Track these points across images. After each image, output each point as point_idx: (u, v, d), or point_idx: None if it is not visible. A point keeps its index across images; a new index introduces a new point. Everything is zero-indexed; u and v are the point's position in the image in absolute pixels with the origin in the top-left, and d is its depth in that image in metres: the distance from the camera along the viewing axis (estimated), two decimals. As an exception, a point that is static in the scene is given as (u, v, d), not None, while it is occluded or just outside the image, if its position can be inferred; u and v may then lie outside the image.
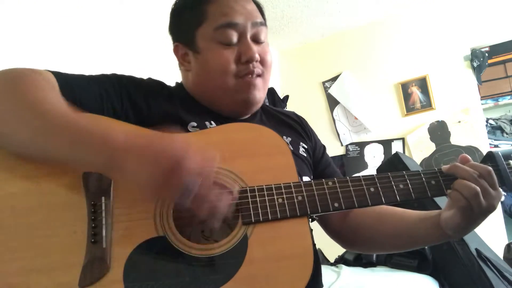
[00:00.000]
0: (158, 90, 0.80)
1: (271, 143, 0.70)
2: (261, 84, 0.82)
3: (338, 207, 0.66)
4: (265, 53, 0.82)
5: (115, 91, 0.72)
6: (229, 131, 0.71)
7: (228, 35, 0.77)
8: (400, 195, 0.69)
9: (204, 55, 0.80)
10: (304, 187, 0.66)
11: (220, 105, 0.83)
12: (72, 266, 0.54)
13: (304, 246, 0.62)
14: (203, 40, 0.79)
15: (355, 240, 0.88)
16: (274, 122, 0.92)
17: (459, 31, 2.88)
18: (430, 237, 0.76)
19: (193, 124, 0.75)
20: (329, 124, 3.31)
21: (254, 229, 0.61)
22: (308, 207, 0.65)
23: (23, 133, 0.56)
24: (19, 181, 0.58)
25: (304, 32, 3.34)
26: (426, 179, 0.70)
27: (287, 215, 0.63)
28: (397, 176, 0.70)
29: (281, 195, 0.64)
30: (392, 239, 0.82)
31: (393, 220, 0.81)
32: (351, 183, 0.68)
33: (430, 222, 0.74)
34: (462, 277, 1.35)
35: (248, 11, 0.80)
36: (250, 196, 0.63)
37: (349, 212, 0.88)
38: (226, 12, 0.78)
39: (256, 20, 0.80)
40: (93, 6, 1.85)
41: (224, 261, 0.58)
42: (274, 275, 0.58)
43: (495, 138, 3.04)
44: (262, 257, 0.59)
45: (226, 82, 0.78)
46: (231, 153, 0.67)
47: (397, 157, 1.70)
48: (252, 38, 0.80)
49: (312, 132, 0.98)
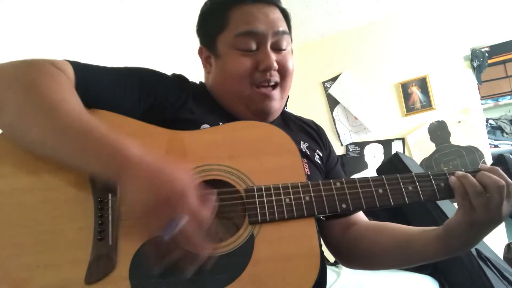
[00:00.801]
0: (178, 87, 0.79)
1: (279, 142, 0.70)
2: (278, 94, 0.82)
3: (345, 208, 0.65)
4: (286, 61, 0.81)
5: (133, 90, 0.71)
6: (237, 129, 0.71)
7: (248, 42, 0.78)
8: (409, 197, 0.67)
9: (223, 60, 0.81)
10: (311, 187, 0.65)
11: (237, 112, 0.83)
12: (78, 263, 0.54)
13: (311, 247, 0.61)
14: (224, 45, 0.80)
15: (355, 253, 0.85)
16: (293, 127, 0.92)
17: (459, 31, 2.88)
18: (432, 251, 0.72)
19: (205, 126, 0.75)
20: (329, 124, 3.31)
21: (260, 229, 0.61)
22: (315, 208, 0.64)
23: (36, 131, 0.56)
24: (26, 177, 0.58)
25: (304, 32, 3.34)
26: (436, 181, 0.69)
27: (294, 215, 0.62)
28: (406, 177, 0.69)
29: (288, 195, 0.64)
30: (392, 252, 0.78)
31: (394, 233, 0.79)
32: (359, 184, 0.67)
33: (434, 233, 0.72)
34: (462, 277, 1.35)
35: (270, 19, 0.79)
36: (257, 195, 0.62)
37: (352, 225, 0.86)
38: (248, 20, 0.78)
39: (278, 29, 0.80)
40: (95, 6, 1.85)
41: (230, 260, 0.58)
42: (280, 275, 0.58)
43: (495, 138, 3.04)
44: (268, 257, 0.59)
45: (242, 89, 0.79)
46: (238, 152, 0.66)
47: (397, 157, 1.70)
48: (272, 46, 0.80)
49: (328, 142, 0.98)
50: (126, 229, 0.57)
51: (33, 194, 0.57)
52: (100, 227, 0.56)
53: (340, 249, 0.87)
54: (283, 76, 0.82)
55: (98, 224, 0.56)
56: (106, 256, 0.54)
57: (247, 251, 0.59)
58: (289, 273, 0.58)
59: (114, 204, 0.58)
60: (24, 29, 1.51)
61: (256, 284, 0.57)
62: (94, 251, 0.54)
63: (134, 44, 2.05)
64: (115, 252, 0.55)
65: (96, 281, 0.53)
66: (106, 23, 1.93)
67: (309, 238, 0.62)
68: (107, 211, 0.57)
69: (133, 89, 0.71)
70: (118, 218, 0.57)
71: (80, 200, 0.57)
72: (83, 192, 0.58)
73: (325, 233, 0.88)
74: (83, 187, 0.58)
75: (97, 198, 0.58)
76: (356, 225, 0.85)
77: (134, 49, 2.04)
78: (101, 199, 0.57)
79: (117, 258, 0.55)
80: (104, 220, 0.56)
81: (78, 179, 0.58)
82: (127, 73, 0.73)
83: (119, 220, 0.57)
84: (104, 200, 0.58)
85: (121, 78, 0.71)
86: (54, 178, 0.58)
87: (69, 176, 0.58)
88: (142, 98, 0.72)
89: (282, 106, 0.85)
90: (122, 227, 0.57)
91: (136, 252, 0.56)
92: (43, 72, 0.60)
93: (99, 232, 0.56)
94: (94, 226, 0.56)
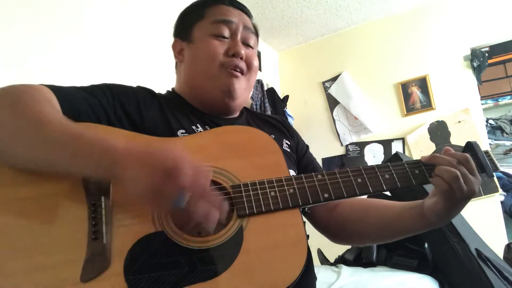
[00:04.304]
0: (148, 98, 0.83)
1: (262, 143, 0.74)
2: (244, 81, 0.89)
3: (328, 198, 0.70)
4: (252, 56, 0.90)
5: (108, 103, 0.75)
6: (221, 134, 0.75)
7: (221, 29, 0.86)
8: (386, 184, 0.73)
9: (197, 45, 0.88)
10: (294, 180, 0.70)
11: (204, 98, 0.88)
12: (74, 263, 0.55)
13: (297, 235, 0.64)
14: (199, 31, 0.88)
15: (343, 233, 0.91)
16: (259, 122, 0.99)
17: (459, 31, 2.89)
18: (415, 226, 0.79)
19: (182, 131, 0.79)
20: (329, 124, 3.31)
21: (249, 221, 0.64)
22: (299, 199, 0.68)
23: (23, 146, 0.57)
24: (23, 186, 0.59)
25: (304, 32, 3.35)
26: (410, 168, 0.75)
27: (280, 207, 0.66)
28: (382, 167, 0.75)
29: (273, 188, 0.67)
30: (379, 230, 0.85)
31: (378, 212, 0.85)
32: (339, 175, 0.72)
33: (414, 211, 0.78)
34: (462, 277, 1.35)
35: (243, 17, 0.91)
36: (244, 190, 0.66)
37: (335, 207, 0.91)
38: (224, 12, 0.89)
39: (248, 25, 0.91)
40: (94, 9, 1.85)
41: (221, 252, 0.60)
42: (270, 262, 0.60)
43: (495, 138, 3.04)
44: (257, 246, 0.61)
45: (212, 69, 0.85)
46: (223, 154, 0.70)
47: (397, 157, 1.70)
48: (241, 40, 0.88)
49: (294, 132, 1.05)
50: (119, 228, 0.59)
51: (30, 202, 0.58)
52: (94, 227, 0.58)
53: (330, 230, 0.93)
54: (248, 69, 0.89)
55: (92, 225, 0.58)
56: (101, 254, 0.56)
57: (237, 242, 0.61)
58: (279, 260, 0.61)
59: (107, 206, 0.59)
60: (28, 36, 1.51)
61: (247, 272, 0.59)
62: (89, 250, 0.56)
63: (133, 48, 2.05)
64: (109, 250, 0.57)
65: (92, 278, 0.54)
66: (106, 27, 1.93)
67: (295, 227, 0.65)
68: (100, 212, 0.59)
69: (109, 105, 0.74)
70: (112, 218, 0.59)
71: (74, 205, 0.59)
72: (78, 198, 0.59)
73: (313, 219, 0.95)
74: (77, 193, 0.60)
75: (91, 201, 0.59)
76: (339, 205, 0.92)
77: (134, 53, 2.05)
78: (94, 202, 0.59)
79: (111, 256, 0.56)
80: (98, 221, 0.58)
81: (72, 186, 0.60)
82: (99, 90, 0.76)
83: (113, 221, 0.59)
84: (97, 202, 0.59)
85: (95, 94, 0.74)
86: (49, 186, 0.60)
87: (63, 184, 0.60)
88: (118, 113, 0.75)
89: (246, 97, 0.92)
90: (116, 227, 0.59)
91: (130, 250, 0.57)
92: (20, 92, 0.62)
93: (93, 232, 0.57)
94: (88, 228, 0.58)
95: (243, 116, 0.96)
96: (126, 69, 1.91)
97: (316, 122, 3.29)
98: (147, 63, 2.04)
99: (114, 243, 0.57)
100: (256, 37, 0.94)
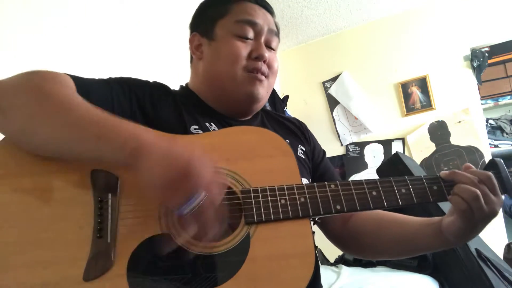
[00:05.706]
0: (163, 93, 0.81)
1: (274, 145, 0.71)
2: (266, 84, 0.86)
3: (340, 210, 0.67)
4: (273, 59, 0.88)
5: (124, 95, 0.74)
6: (232, 134, 0.73)
7: (246, 30, 0.83)
8: (402, 200, 0.69)
9: (218, 42, 0.85)
10: (306, 189, 0.67)
11: (224, 99, 0.85)
12: (78, 260, 0.54)
13: (305, 246, 0.62)
14: (222, 29, 0.85)
15: (356, 245, 0.89)
16: (275, 124, 0.95)
17: (459, 31, 2.88)
18: (431, 244, 0.76)
19: (195, 126, 0.77)
20: (329, 124, 3.31)
21: (256, 229, 0.62)
22: (310, 209, 0.65)
23: (49, 129, 0.56)
24: (28, 177, 0.58)
25: (304, 32, 3.34)
26: (428, 184, 0.71)
27: (289, 215, 0.64)
28: (399, 181, 0.71)
29: (284, 196, 0.65)
30: (393, 246, 0.82)
31: (393, 227, 0.82)
32: (353, 186, 0.69)
33: (431, 229, 0.75)
34: (462, 277, 1.35)
35: (268, 18, 0.88)
36: (253, 196, 0.64)
37: (349, 218, 0.88)
38: (249, 12, 0.85)
39: (273, 28, 0.88)
40: (97, 8, 1.85)
41: (227, 259, 0.59)
42: (276, 273, 0.59)
43: (495, 138, 3.03)
44: (264, 255, 0.60)
45: (235, 72, 0.82)
46: (234, 155, 0.68)
47: (397, 157, 1.70)
48: (264, 42, 0.86)
49: (311, 137, 1.00)
50: (125, 227, 0.58)
51: (35, 195, 0.57)
52: (99, 225, 0.57)
53: (343, 242, 0.91)
54: (270, 71, 0.87)
55: (98, 222, 0.57)
56: (105, 254, 0.55)
57: (243, 250, 0.60)
58: (285, 271, 0.59)
59: (114, 204, 0.58)
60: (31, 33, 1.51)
61: (252, 282, 0.58)
62: (93, 249, 0.55)
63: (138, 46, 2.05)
64: (113, 250, 0.56)
65: (94, 278, 0.54)
66: (109, 24, 1.93)
67: (303, 237, 0.63)
68: (106, 210, 0.58)
69: (125, 97, 0.74)
70: (118, 217, 0.58)
71: (81, 200, 0.58)
72: (84, 193, 0.59)
73: (325, 228, 0.92)
74: (84, 187, 0.59)
75: (97, 197, 0.58)
76: (354, 216, 0.89)
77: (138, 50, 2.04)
78: (101, 199, 0.58)
79: (115, 255, 0.56)
80: (103, 219, 0.57)
81: (79, 180, 0.59)
82: (115, 83, 0.76)
83: (118, 219, 0.58)
84: (104, 199, 0.58)
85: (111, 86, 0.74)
86: (56, 179, 0.59)
87: (70, 177, 0.59)
88: (133, 106, 0.74)
89: (266, 97, 0.89)
90: (121, 226, 0.58)
91: (134, 250, 0.56)
92: (46, 77, 0.61)
93: (98, 230, 0.56)
94: (93, 225, 0.57)
95: (258, 118, 0.93)
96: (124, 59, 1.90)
97: (316, 122, 3.28)
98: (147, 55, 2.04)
99: (119, 242, 0.57)
100: (278, 38, 0.91)
